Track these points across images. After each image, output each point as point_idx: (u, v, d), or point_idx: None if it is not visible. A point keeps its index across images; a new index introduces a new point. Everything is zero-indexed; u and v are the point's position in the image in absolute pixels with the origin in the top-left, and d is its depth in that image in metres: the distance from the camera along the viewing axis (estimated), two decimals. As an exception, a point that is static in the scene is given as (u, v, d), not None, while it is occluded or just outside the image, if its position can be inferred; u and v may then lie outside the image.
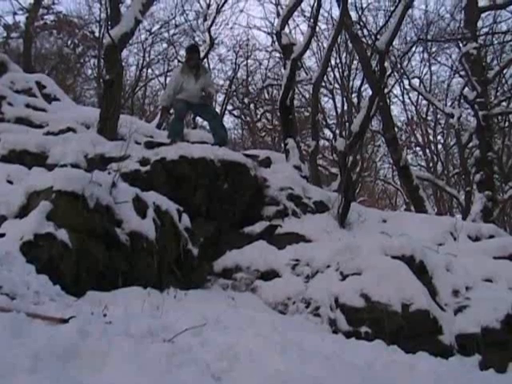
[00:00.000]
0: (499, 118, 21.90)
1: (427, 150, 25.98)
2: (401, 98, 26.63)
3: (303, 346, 5.51)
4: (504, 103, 21.55)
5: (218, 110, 25.02)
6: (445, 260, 9.48)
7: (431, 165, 25.60)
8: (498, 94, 22.48)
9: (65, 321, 4.55)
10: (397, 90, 32.08)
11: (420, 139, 26.31)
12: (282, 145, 14.60)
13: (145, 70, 31.03)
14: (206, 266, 9.42)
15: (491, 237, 11.56)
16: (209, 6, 25.01)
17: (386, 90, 19.26)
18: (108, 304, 5.66)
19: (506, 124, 23.16)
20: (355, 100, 21.86)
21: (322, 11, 18.71)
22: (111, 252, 7.42)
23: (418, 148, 27.03)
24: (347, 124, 22.01)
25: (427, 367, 5.36)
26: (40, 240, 6.70)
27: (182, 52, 25.49)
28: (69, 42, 28.60)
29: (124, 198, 7.91)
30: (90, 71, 31.99)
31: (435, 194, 25.32)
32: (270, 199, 10.74)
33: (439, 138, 27.06)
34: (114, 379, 3.70)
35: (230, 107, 28.93)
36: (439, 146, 26.52)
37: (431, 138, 26.33)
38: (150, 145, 10.96)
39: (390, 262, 8.36)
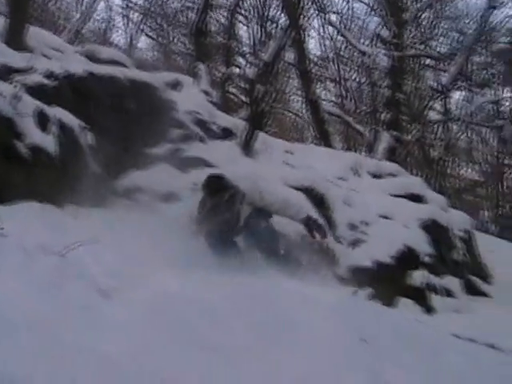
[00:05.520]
0: (412, 60, 22.16)
1: (339, 86, 26.12)
2: (318, 31, 26.46)
3: (203, 270, 5.57)
4: (419, 46, 21.81)
5: (133, 30, 24.63)
6: (345, 195, 9.67)
7: (342, 101, 25.78)
8: (414, 36, 22.66)
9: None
10: (315, 24, 31.90)
11: (333, 74, 26.38)
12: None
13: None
14: (108, 185, 9.33)
15: (393, 175, 11.82)
16: None
17: (302, 23, 19.20)
18: (4, 217, 5.57)
19: (418, 67, 23.45)
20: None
21: None
22: (10, 165, 7.29)
23: (330, 83, 27.12)
24: (261, 53, 21.94)
25: (321, 297, 5.48)
26: None
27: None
28: None
29: (27, 111, 7.74)
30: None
31: (345, 130, 25.58)
32: (177, 122, 10.64)
33: (352, 75, 27.18)
34: (1, 289, 3.69)
35: (145, 28, 28.41)
36: (352, 84, 26.73)
37: (344, 74, 26.44)
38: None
39: (291, 192, 8.47)
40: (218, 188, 7.56)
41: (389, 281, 8.52)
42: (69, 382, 2.97)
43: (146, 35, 29.88)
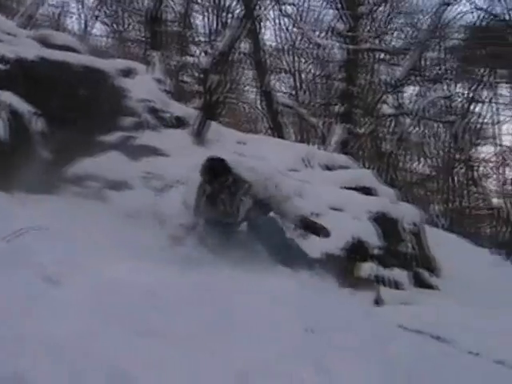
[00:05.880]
0: (367, 53, 22.28)
1: (294, 78, 26.16)
2: (274, 22, 26.44)
3: (145, 256, 5.56)
4: (373, 40, 21.93)
5: (87, 15, 24.36)
6: (297, 186, 9.69)
7: (297, 93, 25.82)
8: (369, 30, 22.77)
9: None
10: (271, 15, 31.87)
11: (288, 66, 26.41)
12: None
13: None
14: (58, 172, 9.26)
15: (344, 168, 11.89)
16: None
17: (258, 13, 19.19)
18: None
19: (373, 60, 23.59)
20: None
21: None
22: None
23: (285, 75, 27.15)
24: (216, 43, 21.86)
25: (270, 289, 5.47)
26: None
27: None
28: None
29: (-25, 95, 7.64)
30: None
31: (299, 122, 25.63)
32: (129, 110, 10.58)
33: (307, 67, 27.22)
34: None
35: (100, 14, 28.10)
36: (307, 76, 26.78)
37: (299, 66, 26.48)
38: None
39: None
40: (217, 173, 6.94)
41: (338, 272, 8.58)
42: (11, 368, 2.94)
43: (101, 22, 29.60)
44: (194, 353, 3.47)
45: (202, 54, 21.40)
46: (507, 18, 21.94)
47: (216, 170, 6.92)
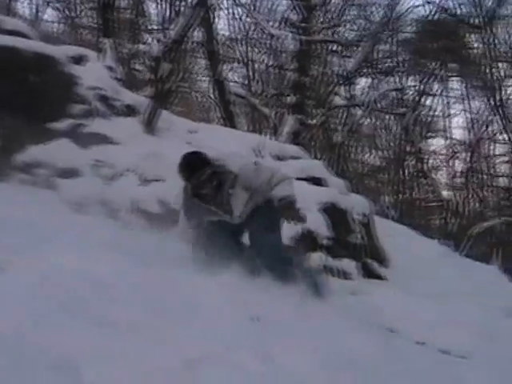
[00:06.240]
0: (320, 44, 22.34)
1: (247, 68, 26.13)
2: (228, 11, 26.36)
3: (94, 245, 5.53)
4: (326, 31, 22.00)
5: (39, 1, 24.02)
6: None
7: (249, 83, 25.79)
8: (322, 21, 22.82)
9: None
10: (225, 4, 31.73)
11: (241, 56, 26.37)
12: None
13: None
14: (6, 159, 9.14)
15: (295, 158, 11.93)
16: None
17: (211, 2, 19.11)
18: None
19: (325, 52, 23.67)
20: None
21: None
22: None
23: (237, 64, 27.12)
24: (169, 31, 21.65)
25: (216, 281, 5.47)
26: None
27: None
28: None
29: None
30: None
31: (251, 112, 25.61)
32: (79, 97, 10.45)
33: (260, 57, 27.22)
34: None
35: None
36: (259, 66, 26.76)
37: (252, 56, 26.45)
38: None
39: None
40: (195, 168, 5.95)
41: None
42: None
43: (52, 7, 29.22)
44: (142, 342, 3.48)
45: (155, 42, 21.29)
46: (458, 12, 22.26)
47: (193, 165, 5.96)
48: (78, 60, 11.51)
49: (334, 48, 22.78)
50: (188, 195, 6.17)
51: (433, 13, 22.16)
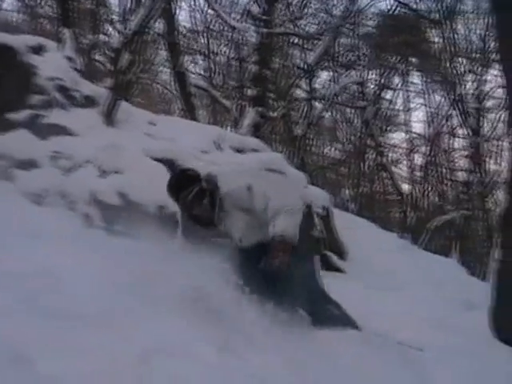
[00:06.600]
0: (281, 37, 22.36)
1: (208, 60, 26.08)
2: (189, 3, 26.26)
3: (52, 237, 5.50)
4: (288, 24, 22.02)
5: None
6: (206, 168, 9.69)
7: (210, 75, 25.75)
8: (283, 14, 22.83)
9: None
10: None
11: (202, 48, 26.31)
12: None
13: None
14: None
15: (255, 151, 11.95)
16: None
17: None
18: None
19: (287, 45, 23.70)
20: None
21: None
22: None
23: (199, 56, 27.05)
24: (129, 22, 21.49)
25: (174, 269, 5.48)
26: None
27: None
28: None
29: None
30: None
31: (212, 104, 25.57)
32: (38, 88, 10.35)
33: (221, 49, 27.18)
34: None
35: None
36: (221, 58, 26.73)
37: (213, 48, 26.40)
38: None
39: (151, 164, 8.46)
40: (182, 187, 5.10)
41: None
42: None
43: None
44: (99, 335, 3.46)
45: (115, 32, 21.16)
46: (418, 7, 22.43)
47: (180, 184, 5.13)
48: (38, 50, 11.38)
49: (296, 41, 22.85)
50: (184, 218, 5.67)
51: (393, 7, 22.33)
